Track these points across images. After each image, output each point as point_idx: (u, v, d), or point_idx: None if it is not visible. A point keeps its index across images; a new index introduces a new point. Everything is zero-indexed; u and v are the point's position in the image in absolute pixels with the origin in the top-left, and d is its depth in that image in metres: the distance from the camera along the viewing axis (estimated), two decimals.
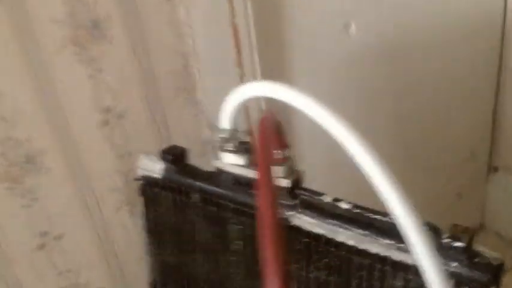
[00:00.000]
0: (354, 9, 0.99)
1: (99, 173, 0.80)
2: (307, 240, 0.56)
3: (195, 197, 0.65)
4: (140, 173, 0.69)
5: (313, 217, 0.56)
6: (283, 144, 0.56)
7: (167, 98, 0.82)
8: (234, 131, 0.59)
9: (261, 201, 0.42)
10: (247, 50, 0.83)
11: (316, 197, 0.57)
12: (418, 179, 1.42)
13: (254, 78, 0.87)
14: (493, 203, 1.66)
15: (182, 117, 0.84)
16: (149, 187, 0.69)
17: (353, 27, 1.00)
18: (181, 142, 0.88)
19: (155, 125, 0.82)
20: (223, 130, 0.58)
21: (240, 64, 0.83)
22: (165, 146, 0.87)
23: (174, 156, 0.66)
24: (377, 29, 1.06)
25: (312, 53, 0.97)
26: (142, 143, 0.82)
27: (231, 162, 0.60)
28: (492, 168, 1.61)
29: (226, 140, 0.59)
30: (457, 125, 1.43)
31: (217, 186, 0.63)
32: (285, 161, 0.56)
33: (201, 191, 0.64)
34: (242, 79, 0.85)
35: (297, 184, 0.58)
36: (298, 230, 0.57)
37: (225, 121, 0.57)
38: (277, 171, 0.56)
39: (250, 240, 0.61)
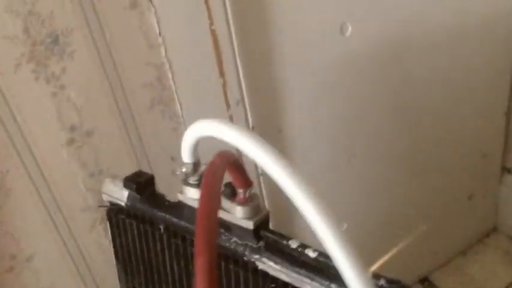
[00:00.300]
0: (350, 10, 0.92)
1: (68, 192, 0.76)
2: (273, 286, 0.52)
3: (160, 227, 0.61)
4: (105, 198, 0.65)
5: (277, 263, 0.51)
6: (246, 183, 0.51)
7: (141, 112, 0.76)
8: (195, 165, 0.54)
9: (197, 239, 0.38)
10: (229, 58, 0.77)
11: (283, 241, 0.52)
12: (428, 181, 1.37)
13: (238, 87, 0.82)
14: (505, 205, 1.59)
15: (159, 131, 0.79)
16: (115, 213, 0.65)
17: (350, 29, 0.93)
18: (159, 156, 0.84)
19: (129, 140, 0.77)
20: (185, 164, 0.54)
21: (221, 73, 0.77)
22: (142, 161, 0.83)
23: (138, 184, 0.62)
24: (376, 29, 0.99)
25: (304, 57, 0.91)
26: (116, 160, 0.78)
27: (193, 196, 0.56)
28: (505, 170, 1.54)
29: (187, 174, 0.54)
30: (469, 126, 1.36)
31: (181, 219, 0.59)
32: (248, 200, 0.51)
33: (166, 222, 0.60)
34: (224, 89, 0.79)
35: (262, 225, 0.53)
36: (264, 275, 0.52)
37: (185, 155, 0.53)
38: (239, 211, 0.52)
39: (218, 277, 0.57)
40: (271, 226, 0.54)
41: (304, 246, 0.51)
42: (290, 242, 0.51)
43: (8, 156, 0.68)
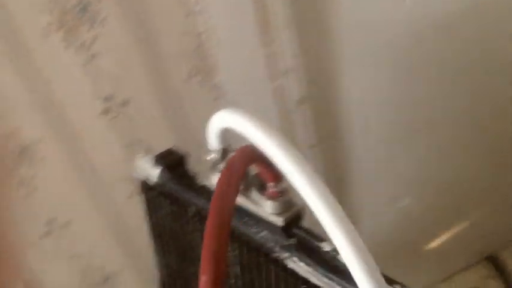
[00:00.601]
0: None
1: (104, 161, 0.74)
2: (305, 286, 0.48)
3: (191, 209, 0.58)
4: (137, 174, 0.63)
5: (308, 264, 0.47)
6: (276, 177, 0.46)
7: (179, 82, 0.72)
8: (224, 151, 0.50)
9: (207, 233, 0.38)
10: (277, 25, 0.71)
11: (315, 242, 0.47)
12: (501, 157, 1.27)
13: (287, 55, 0.75)
14: None
15: (198, 101, 0.75)
16: (147, 189, 0.63)
17: None
18: (198, 127, 0.80)
19: (167, 111, 0.74)
20: (212, 151, 0.50)
21: (269, 41, 0.71)
22: (179, 132, 0.79)
23: (169, 162, 0.59)
24: None
25: (362, 22, 0.82)
26: (153, 131, 0.75)
27: None
28: None
29: (215, 161, 0.51)
30: None
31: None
32: (278, 195, 0.47)
33: (195, 204, 0.57)
34: (272, 57, 0.73)
35: (294, 222, 0.48)
36: (294, 274, 0.49)
37: (213, 142, 0.49)
38: (269, 206, 0.48)
39: (248, 267, 0.55)
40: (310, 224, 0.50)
41: (337, 250, 0.46)
42: (323, 244, 0.47)
43: (41, 125, 0.66)
